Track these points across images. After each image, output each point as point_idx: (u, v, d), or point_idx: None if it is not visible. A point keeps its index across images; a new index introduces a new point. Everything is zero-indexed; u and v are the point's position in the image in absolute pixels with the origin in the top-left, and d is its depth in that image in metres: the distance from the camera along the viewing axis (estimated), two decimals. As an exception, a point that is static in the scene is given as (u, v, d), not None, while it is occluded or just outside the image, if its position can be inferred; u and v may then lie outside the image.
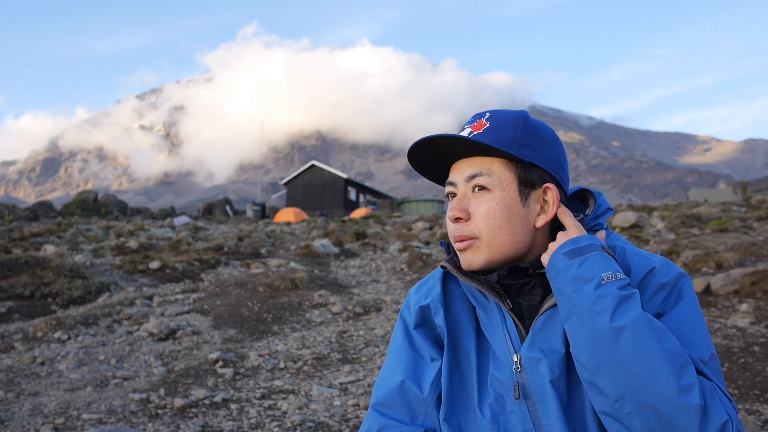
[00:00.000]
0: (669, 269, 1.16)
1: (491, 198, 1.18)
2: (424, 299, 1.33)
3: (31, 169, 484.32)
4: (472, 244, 1.20)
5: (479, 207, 1.19)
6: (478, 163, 1.21)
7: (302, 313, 6.63)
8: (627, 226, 13.56)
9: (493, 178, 1.19)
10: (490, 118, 1.22)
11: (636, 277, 1.14)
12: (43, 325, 6.08)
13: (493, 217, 1.18)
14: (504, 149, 1.16)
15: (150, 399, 4.02)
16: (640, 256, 1.18)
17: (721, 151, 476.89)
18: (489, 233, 1.18)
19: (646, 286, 1.13)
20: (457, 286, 1.33)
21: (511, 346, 1.20)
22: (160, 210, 37.65)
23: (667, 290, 1.14)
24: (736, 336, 4.68)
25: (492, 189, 1.19)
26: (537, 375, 1.15)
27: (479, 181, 1.19)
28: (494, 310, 1.23)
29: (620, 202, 41.65)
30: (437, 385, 1.26)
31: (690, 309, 1.13)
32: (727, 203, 20.78)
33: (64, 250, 11.88)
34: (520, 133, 1.19)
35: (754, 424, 3.01)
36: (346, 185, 49.92)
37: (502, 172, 1.19)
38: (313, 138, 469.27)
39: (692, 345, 1.08)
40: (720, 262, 7.47)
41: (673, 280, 1.15)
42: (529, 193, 1.20)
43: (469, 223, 1.20)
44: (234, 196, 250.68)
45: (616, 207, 23.48)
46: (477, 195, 1.20)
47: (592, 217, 1.26)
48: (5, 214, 23.66)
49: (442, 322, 1.29)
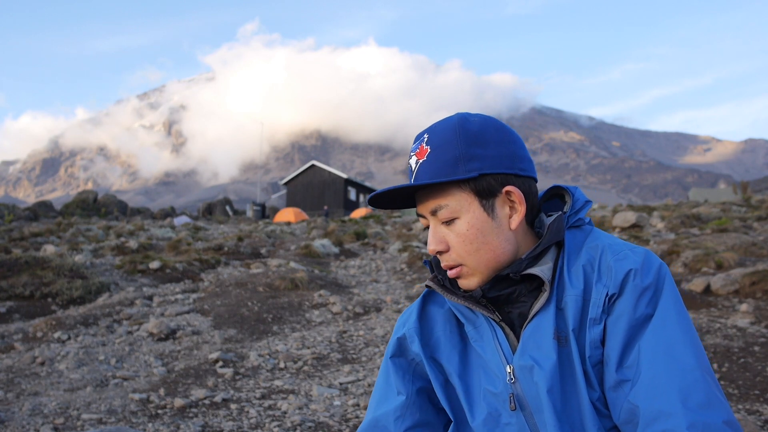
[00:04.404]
0: (649, 268, 1.13)
1: (460, 224, 1.17)
2: (401, 329, 1.34)
3: (31, 169, 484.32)
4: (461, 270, 1.20)
5: (452, 236, 1.19)
6: (435, 195, 1.19)
7: (302, 313, 6.63)
8: (627, 226, 13.55)
9: (453, 205, 1.17)
10: (430, 141, 1.19)
11: (617, 277, 1.12)
12: (43, 325, 6.08)
13: (469, 242, 1.17)
14: (449, 177, 1.15)
15: (150, 399, 4.02)
16: (620, 255, 1.15)
17: (721, 151, 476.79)
18: (470, 258, 1.18)
19: (628, 291, 1.11)
20: (439, 308, 1.33)
21: (504, 358, 1.19)
22: (160, 210, 37.66)
23: (652, 290, 1.12)
24: (736, 336, 4.68)
25: (457, 215, 1.17)
26: (531, 384, 1.14)
27: (442, 215, 1.18)
28: (483, 324, 1.22)
29: (620, 202, 41.63)
30: (405, 419, 1.28)
31: (670, 312, 1.11)
32: (727, 203, 20.78)
33: (64, 250, 11.88)
34: (461, 148, 1.16)
35: (754, 424, 3.01)
36: (346, 185, 49.95)
37: (460, 196, 1.17)
38: (313, 138, 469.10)
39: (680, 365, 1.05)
40: (720, 262, 7.47)
41: (655, 279, 1.13)
42: (494, 203, 1.18)
43: (450, 253, 1.20)
44: (234, 196, 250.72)
45: (616, 207, 23.45)
46: (446, 225, 1.19)
47: (571, 213, 1.24)
48: (5, 214, 23.66)
49: (419, 349, 1.29)
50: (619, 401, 1.10)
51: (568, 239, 1.21)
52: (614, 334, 1.11)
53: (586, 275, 1.15)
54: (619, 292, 1.12)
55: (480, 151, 1.16)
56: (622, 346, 1.10)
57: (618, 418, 1.10)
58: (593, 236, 1.21)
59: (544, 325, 1.14)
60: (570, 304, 1.14)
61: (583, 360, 1.12)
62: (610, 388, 1.11)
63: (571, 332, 1.13)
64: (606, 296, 1.12)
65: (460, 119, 1.20)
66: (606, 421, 1.12)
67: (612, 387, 1.11)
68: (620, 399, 1.09)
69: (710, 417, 1.00)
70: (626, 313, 1.10)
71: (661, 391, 1.04)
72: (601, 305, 1.12)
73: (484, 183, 1.16)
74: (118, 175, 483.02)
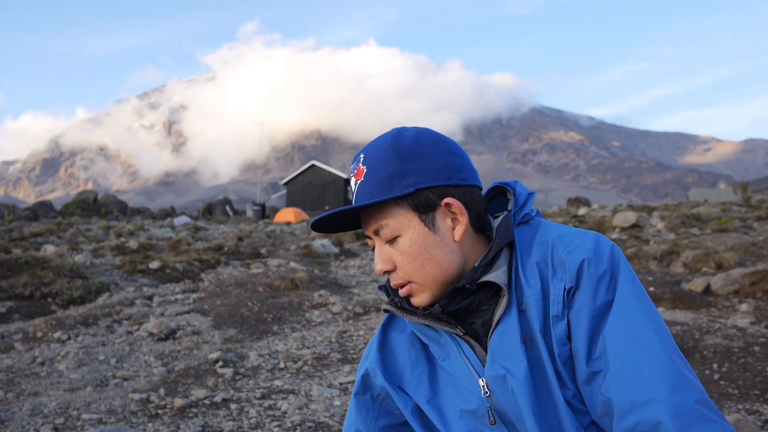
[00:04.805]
0: (602, 253, 1.12)
1: (403, 242, 1.16)
2: (364, 363, 1.32)
3: (31, 169, 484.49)
4: (410, 288, 1.19)
5: (397, 255, 1.18)
6: (375, 215, 1.18)
7: (302, 313, 6.63)
8: (627, 226, 13.56)
9: (393, 223, 1.16)
10: (366, 161, 1.18)
11: (572, 270, 1.10)
12: (43, 325, 6.08)
13: (413, 258, 1.16)
14: (386, 196, 1.14)
15: (150, 399, 4.02)
16: (570, 246, 1.13)
17: (721, 151, 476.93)
18: (417, 275, 1.17)
19: (585, 282, 1.10)
20: (401, 333, 1.31)
21: (475, 372, 1.17)
22: (160, 210, 37.66)
23: (608, 276, 1.10)
24: (736, 336, 4.68)
25: (399, 233, 1.16)
26: (507, 393, 1.12)
27: (384, 234, 1.17)
28: (448, 341, 1.20)
29: (620, 202, 41.65)
30: None
31: (629, 295, 1.09)
32: (727, 203, 20.79)
33: (64, 250, 11.88)
34: (396, 165, 1.15)
35: (754, 424, 3.01)
36: (346, 185, 49.95)
37: (399, 213, 1.16)
38: (313, 138, 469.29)
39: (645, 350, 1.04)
40: (720, 262, 7.47)
41: (610, 264, 1.11)
42: (434, 216, 1.16)
43: (397, 271, 1.19)
44: (234, 196, 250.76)
45: (616, 207, 23.44)
46: (390, 244, 1.18)
47: (516, 210, 1.22)
48: (5, 214, 23.67)
49: (383, 382, 1.27)
50: (593, 395, 1.09)
51: (518, 238, 1.19)
52: (578, 327, 1.10)
53: (541, 273, 1.14)
54: (576, 285, 1.10)
55: (415, 165, 1.15)
56: (587, 338, 1.09)
57: (595, 413, 1.09)
58: (542, 230, 1.19)
59: (509, 330, 1.13)
60: (531, 305, 1.13)
61: (553, 360, 1.11)
62: (583, 382, 1.10)
63: (538, 333, 1.11)
64: (564, 291, 1.11)
65: (393, 135, 1.19)
66: (583, 418, 1.11)
67: (585, 381, 1.10)
68: (594, 392, 1.08)
69: (682, 399, 0.99)
70: (586, 305, 1.09)
71: (631, 381, 1.02)
72: (560, 301, 1.11)
73: (421, 198, 1.15)
74: (118, 175, 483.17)
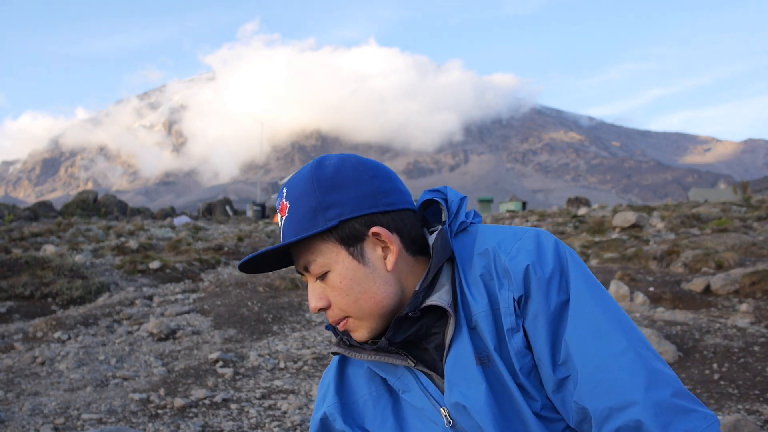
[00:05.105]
0: (545, 253, 1.06)
1: (333, 277, 1.10)
2: (321, 406, 1.25)
3: (31, 169, 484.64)
4: (347, 322, 1.13)
5: (329, 290, 1.12)
6: (303, 251, 1.12)
7: (302, 312, 6.63)
8: (627, 226, 13.56)
9: (321, 259, 1.10)
10: (288, 195, 1.12)
11: (518, 278, 1.05)
12: (43, 325, 6.08)
13: (346, 293, 1.10)
14: (310, 231, 1.08)
15: (150, 399, 4.02)
16: (512, 252, 1.07)
17: (721, 151, 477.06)
18: (353, 310, 1.11)
19: (534, 288, 1.05)
20: (358, 368, 1.25)
21: (435, 402, 1.12)
22: (160, 210, 37.65)
23: (557, 275, 1.05)
24: (736, 336, 4.68)
25: (328, 268, 1.10)
26: (469, 420, 1.07)
27: (314, 271, 1.11)
28: (405, 372, 1.16)
29: (620, 202, 41.65)
30: None
31: (583, 292, 1.04)
32: (727, 203, 20.79)
33: (64, 250, 11.88)
34: (317, 198, 1.09)
35: (754, 424, 3.00)
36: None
37: (326, 248, 1.10)
38: (313, 138, 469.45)
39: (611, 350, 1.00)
40: (720, 262, 7.47)
41: (556, 262, 1.06)
42: (362, 248, 1.09)
43: (332, 308, 1.13)
44: (234, 196, 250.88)
45: (616, 207, 23.42)
46: (321, 280, 1.12)
47: (451, 220, 1.15)
48: (5, 214, 23.66)
49: (344, 426, 1.20)
50: (566, 402, 1.04)
51: (458, 250, 1.12)
52: (537, 336, 1.05)
53: (486, 285, 1.08)
54: (525, 293, 1.05)
55: (337, 196, 1.09)
56: (549, 346, 1.04)
57: (571, 420, 1.05)
58: (481, 238, 1.13)
59: (462, 352, 1.07)
60: (481, 322, 1.07)
61: (513, 374, 1.06)
62: (553, 391, 1.05)
63: (493, 351, 1.06)
64: (514, 301, 1.05)
65: (313, 166, 1.13)
66: (556, 426, 1.07)
67: (554, 390, 1.05)
68: (567, 399, 1.04)
69: (658, 395, 0.96)
70: (541, 311, 1.04)
71: (604, 386, 0.99)
72: (512, 312, 1.05)
73: (346, 229, 1.08)
74: (118, 175, 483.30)
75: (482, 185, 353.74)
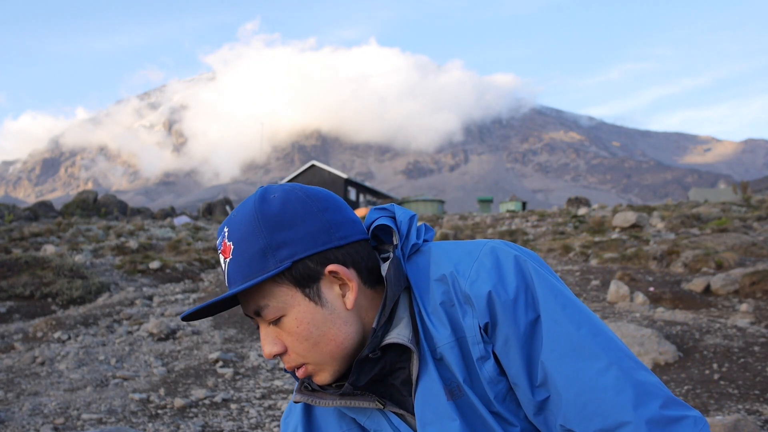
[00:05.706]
0: (506, 273, 1.00)
1: (289, 322, 1.02)
2: None
3: (31, 169, 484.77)
4: (307, 369, 1.06)
5: (285, 335, 1.03)
6: (253, 295, 1.03)
7: (302, 313, 6.64)
8: (627, 226, 13.57)
9: (274, 303, 1.02)
10: (231, 235, 1.03)
11: (481, 305, 0.99)
12: (43, 325, 6.08)
13: (304, 338, 1.02)
14: (261, 276, 0.99)
15: (150, 399, 4.02)
16: (471, 277, 1.01)
17: (721, 151, 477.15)
18: (312, 355, 1.03)
19: (500, 313, 0.98)
20: (325, 410, 1.18)
21: None
22: (160, 210, 37.64)
23: (522, 293, 0.99)
24: (736, 336, 4.68)
25: (283, 312, 1.02)
26: None
27: (267, 316, 1.02)
28: (374, 413, 1.09)
29: (620, 202, 41.63)
30: None
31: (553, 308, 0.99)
32: (727, 203, 20.79)
33: (64, 250, 11.88)
34: (265, 238, 1.00)
35: (754, 424, 3.00)
36: (346, 185, 49.95)
37: (279, 291, 1.01)
38: (313, 138, 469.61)
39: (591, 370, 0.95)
40: (720, 262, 7.47)
41: (519, 279, 1.00)
42: (318, 288, 1.02)
43: (289, 353, 1.04)
44: (234, 196, 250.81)
45: (616, 207, 23.38)
46: (275, 324, 1.04)
47: (403, 242, 1.08)
48: (5, 214, 23.66)
49: None
50: (550, 424, 1.00)
51: (413, 276, 1.06)
52: (511, 361, 0.99)
53: (448, 314, 1.02)
54: (492, 320, 0.99)
55: (287, 234, 1.00)
56: (525, 369, 0.98)
57: None
58: (435, 261, 1.06)
59: (430, 387, 1.02)
60: (446, 354, 1.01)
61: (487, 403, 1.01)
62: (534, 414, 1.01)
63: (463, 383, 1.01)
64: (480, 329, 0.99)
65: (256, 201, 1.03)
66: None
67: (536, 413, 1.00)
68: (550, 421, 0.99)
69: (648, 411, 0.93)
70: (512, 335, 0.98)
71: (590, 409, 0.94)
72: (480, 341, 1.00)
73: (300, 270, 1.00)
74: (118, 175, 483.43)
75: (482, 185, 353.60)
